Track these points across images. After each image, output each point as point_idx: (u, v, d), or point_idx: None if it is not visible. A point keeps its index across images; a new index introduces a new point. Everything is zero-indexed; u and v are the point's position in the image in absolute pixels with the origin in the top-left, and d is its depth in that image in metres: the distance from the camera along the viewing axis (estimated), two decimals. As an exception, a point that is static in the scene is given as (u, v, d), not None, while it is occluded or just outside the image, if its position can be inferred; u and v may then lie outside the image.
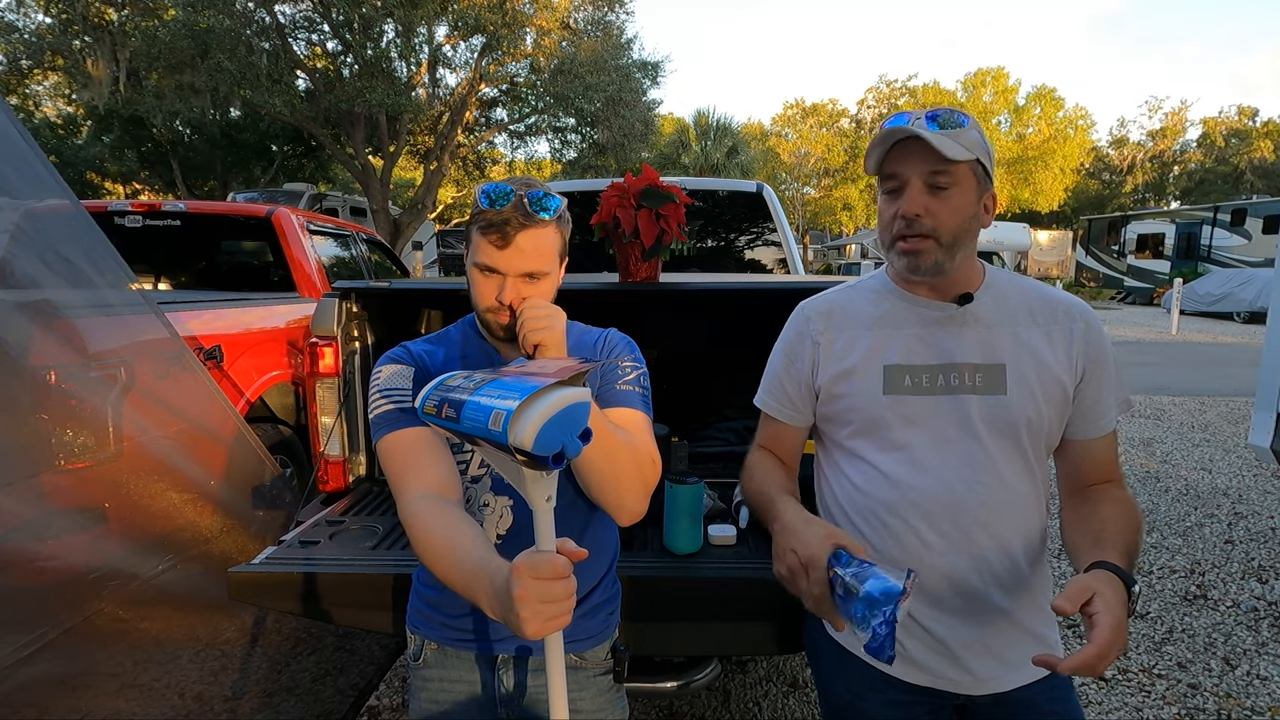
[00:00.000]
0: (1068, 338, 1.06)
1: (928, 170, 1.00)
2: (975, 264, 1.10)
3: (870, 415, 1.08)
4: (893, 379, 1.07)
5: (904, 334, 1.09)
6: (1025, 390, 1.04)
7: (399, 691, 2.28)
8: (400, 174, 22.66)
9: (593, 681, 1.13)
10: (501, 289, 1.00)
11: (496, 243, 0.99)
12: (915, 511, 1.05)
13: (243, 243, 4.26)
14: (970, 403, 1.04)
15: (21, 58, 11.84)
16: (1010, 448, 1.04)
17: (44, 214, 1.70)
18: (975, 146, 1.00)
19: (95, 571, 1.78)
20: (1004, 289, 1.09)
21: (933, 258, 1.02)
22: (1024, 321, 1.07)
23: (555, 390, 0.73)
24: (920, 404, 1.06)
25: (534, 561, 0.72)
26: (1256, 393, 3.05)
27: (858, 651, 1.11)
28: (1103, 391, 1.06)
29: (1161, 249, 21.15)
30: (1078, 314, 1.07)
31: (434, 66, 13.46)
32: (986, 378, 1.04)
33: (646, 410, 1.08)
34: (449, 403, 0.79)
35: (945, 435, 1.05)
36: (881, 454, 1.08)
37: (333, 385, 1.97)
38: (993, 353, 1.05)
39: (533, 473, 0.76)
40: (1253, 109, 33.79)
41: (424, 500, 0.94)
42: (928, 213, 1.01)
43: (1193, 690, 2.32)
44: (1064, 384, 1.05)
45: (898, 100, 30.31)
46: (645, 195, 1.95)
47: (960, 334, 1.06)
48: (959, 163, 0.99)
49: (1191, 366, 9.40)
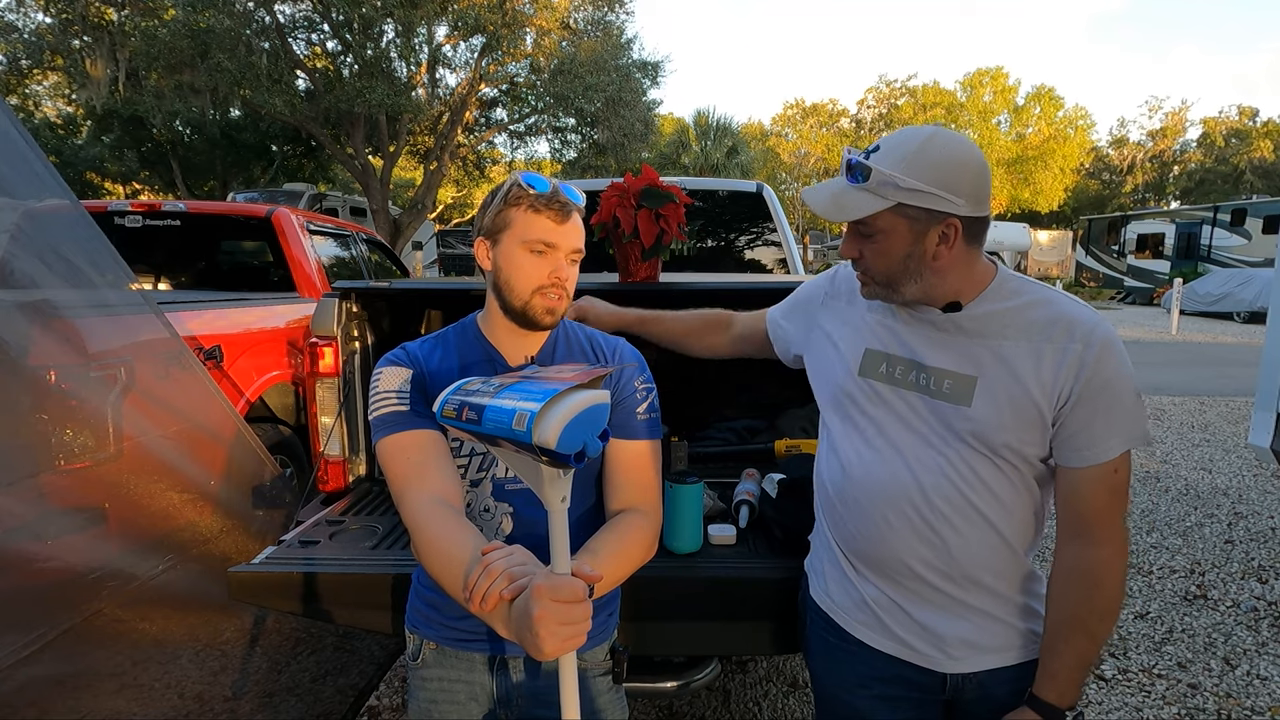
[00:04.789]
0: (1058, 359, 0.99)
1: (850, 220, 1.04)
2: (968, 279, 1.04)
3: (842, 391, 1.13)
4: (870, 363, 1.11)
5: (892, 325, 1.11)
6: (992, 405, 1.01)
7: (399, 691, 2.28)
8: (400, 174, 22.64)
9: (592, 682, 1.13)
10: (556, 266, 1.04)
11: (556, 218, 1.03)
12: (878, 491, 1.08)
13: (243, 243, 4.26)
14: (935, 406, 1.06)
15: (21, 58, 11.83)
16: (976, 455, 1.03)
17: (44, 214, 1.70)
18: (892, 193, 0.97)
19: (95, 571, 1.78)
20: (1007, 300, 1.04)
21: (872, 290, 1.08)
22: (1014, 336, 1.02)
23: (576, 392, 0.77)
24: (891, 393, 1.09)
25: (555, 585, 0.75)
26: (1256, 393, 3.05)
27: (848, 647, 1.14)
28: (1095, 420, 0.98)
29: (1161, 249, 21.14)
30: (1079, 335, 0.98)
31: (434, 66, 13.46)
32: (955, 386, 1.04)
33: (658, 434, 1.13)
34: (469, 406, 0.82)
35: (912, 427, 1.07)
36: (854, 432, 1.12)
37: (333, 385, 1.97)
38: (967, 363, 1.03)
39: (551, 472, 0.79)
40: (1253, 109, 33.81)
41: (431, 507, 0.94)
42: (861, 256, 1.06)
43: (1193, 690, 2.32)
44: (1039, 405, 0.99)
45: (897, 100, 30.31)
46: (645, 195, 1.95)
47: (940, 340, 1.06)
48: (874, 215, 1.00)
49: (1191, 366, 9.40)
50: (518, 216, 1.03)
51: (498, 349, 1.11)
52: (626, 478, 1.09)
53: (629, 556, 1.01)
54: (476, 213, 1.13)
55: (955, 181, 0.97)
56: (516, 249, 1.04)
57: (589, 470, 1.10)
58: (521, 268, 1.03)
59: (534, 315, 1.05)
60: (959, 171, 0.98)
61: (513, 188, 1.04)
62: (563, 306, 1.07)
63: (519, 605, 0.77)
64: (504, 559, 0.81)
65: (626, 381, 1.11)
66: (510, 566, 0.80)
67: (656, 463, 1.12)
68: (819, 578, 1.22)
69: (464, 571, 0.84)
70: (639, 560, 1.03)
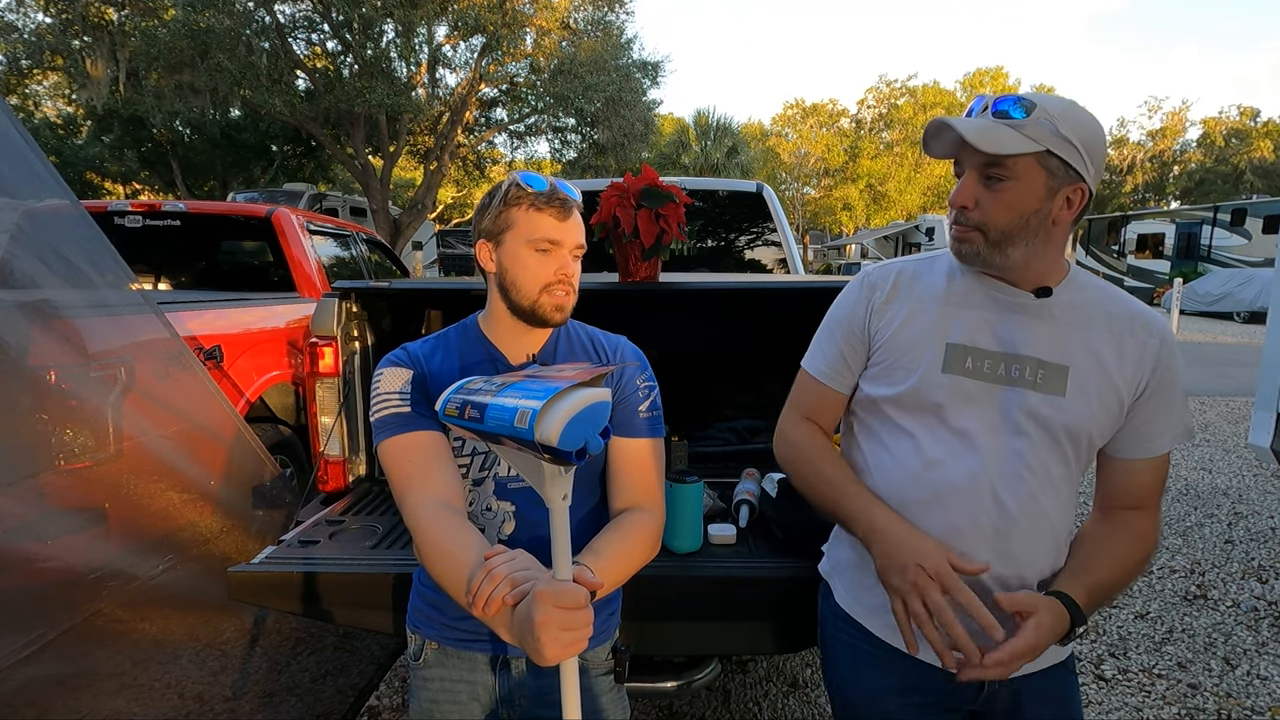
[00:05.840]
0: (1139, 352, 1.02)
1: (982, 162, 0.97)
2: (1059, 260, 1.04)
3: (923, 391, 1.05)
4: (954, 358, 1.04)
5: (973, 315, 1.05)
6: (1084, 397, 1.01)
7: (399, 691, 2.28)
8: (400, 174, 22.65)
9: (594, 681, 1.13)
10: (562, 263, 1.04)
11: (558, 215, 1.04)
12: (951, 494, 1.03)
13: (243, 243, 4.26)
14: (1026, 397, 1.02)
15: (21, 58, 11.82)
16: (1055, 449, 1.03)
17: (44, 214, 1.70)
18: (1046, 137, 0.93)
19: (95, 571, 1.78)
20: (1085, 292, 1.05)
21: (976, 248, 1.00)
22: (1098, 328, 1.03)
23: (578, 390, 0.77)
24: (976, 388, 1.03)
25: (557, 591, 0.75)
26: (1256, 393, 3.05)
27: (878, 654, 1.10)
28: (1159, 414, 1.03)
29: (1161, 249, 21.14)
30: (1155, 330, 1.03)
31: (434, 66, 13.46)
32: (1048, 376, 1.02)
33: (660, 433, 1.13)
34: (471, 404, 0.83)
35: (994, 425, 1.02)
36: (926, 432, 1.05)
37: (333, 385, 1.97)
38: (1060, 352, 1.02)
39: (553, 469, 0.80)
40: (1253, 109, 33.82)
41: (434, 509, 0.94)
42: (977, 205, 0.98)
43: (1193, 690, 2.32)
44: (1122, 397, 1.02)
45: (897, 100, 30.33)
46: (645, 195, 1.95)
47: (1031, 326, 1.03)
48: (1015, 156, 0.94)
49: (1191, 366, 9.40)
50: (520, 216, 1.04)
51: (499, 349, 1.11)
52: (629, 476, 1.09)
53: (632, 556, 1.01)
54: (474, 215, 1.13)
55: (1095, 148, 0.96)
56: (521, 248, 1.04)
57: (591, 469, 1.10)
58: (528, 267, 1.04)
59: (543, 313, 1.05)
60: (1098, 140, 0.97)
61: (511, 188, 1.05)
62: (570, 302, 1.07)
63: (521, 610, 0.77)
64: (506, 563, 0.81)
65: (628, 380, 1.11)
66: (513, 571, 0.80)
67: (659, 461, 1.12)
68: (848, 585, 1.17)
69: (466, 575, 0.84)
70: (642, 559, 1.04)
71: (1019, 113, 0.95)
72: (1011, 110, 0.95)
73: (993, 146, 0.94)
